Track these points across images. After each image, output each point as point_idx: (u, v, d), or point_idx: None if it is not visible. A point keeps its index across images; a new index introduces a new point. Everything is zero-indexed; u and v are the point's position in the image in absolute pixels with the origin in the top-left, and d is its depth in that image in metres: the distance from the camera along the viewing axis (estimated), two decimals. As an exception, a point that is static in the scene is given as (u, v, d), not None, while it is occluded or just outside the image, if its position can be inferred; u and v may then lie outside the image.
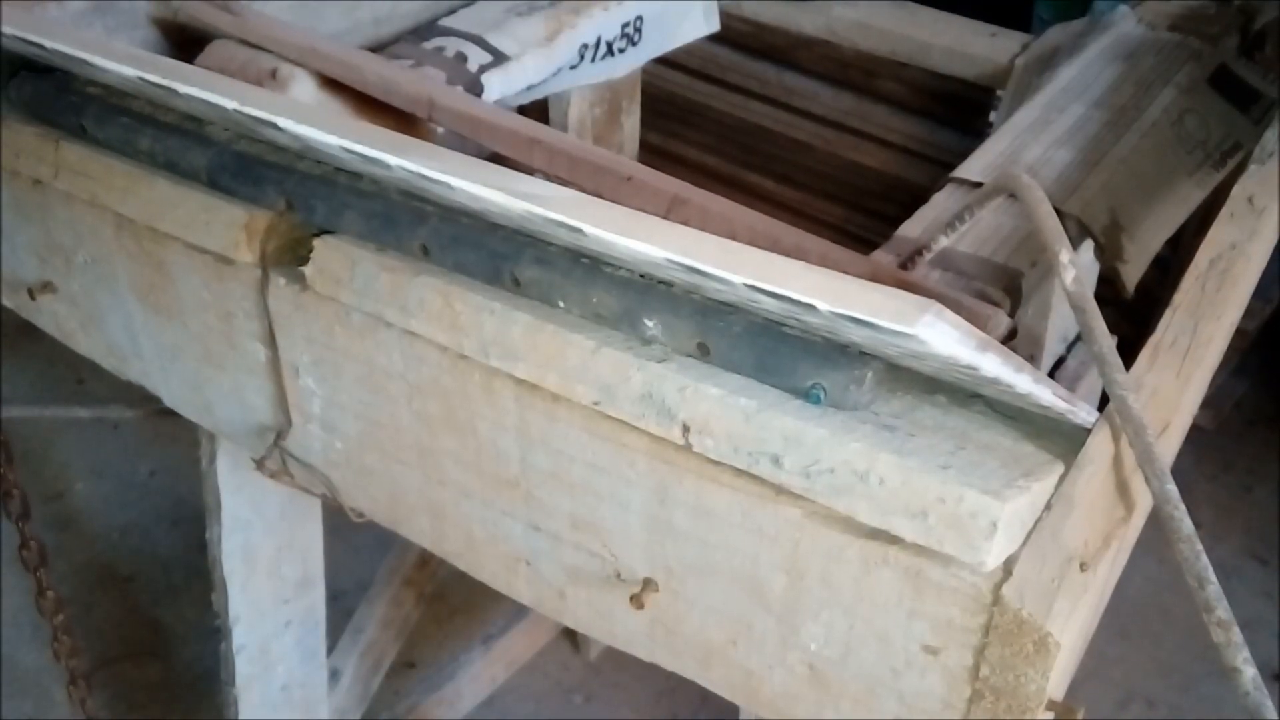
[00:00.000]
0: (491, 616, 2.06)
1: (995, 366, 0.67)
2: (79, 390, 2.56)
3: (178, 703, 2.01)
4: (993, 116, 1.54)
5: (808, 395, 0.74)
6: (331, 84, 1.14)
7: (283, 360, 1.02)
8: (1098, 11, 1.43)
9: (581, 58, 1.34)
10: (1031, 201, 0.82)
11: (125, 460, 2.50)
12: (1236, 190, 1.04)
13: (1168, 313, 0.89)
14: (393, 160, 0.80)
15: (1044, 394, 0.72)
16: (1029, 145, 1.12)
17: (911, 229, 1.02)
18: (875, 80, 1.69)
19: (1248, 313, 1.18)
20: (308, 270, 0.94)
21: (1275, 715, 0.67)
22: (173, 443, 2.42)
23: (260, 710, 1.51)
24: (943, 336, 0.62)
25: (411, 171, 0.80)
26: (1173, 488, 0.70)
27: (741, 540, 0.79)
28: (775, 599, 0.80)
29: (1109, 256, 1.03)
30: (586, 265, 0.82)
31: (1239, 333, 1.71)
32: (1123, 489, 0.74)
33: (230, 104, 0.88)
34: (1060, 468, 0.73)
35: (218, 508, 1.34)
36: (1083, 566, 0.69)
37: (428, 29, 1.32)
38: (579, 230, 0.73)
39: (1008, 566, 0.69)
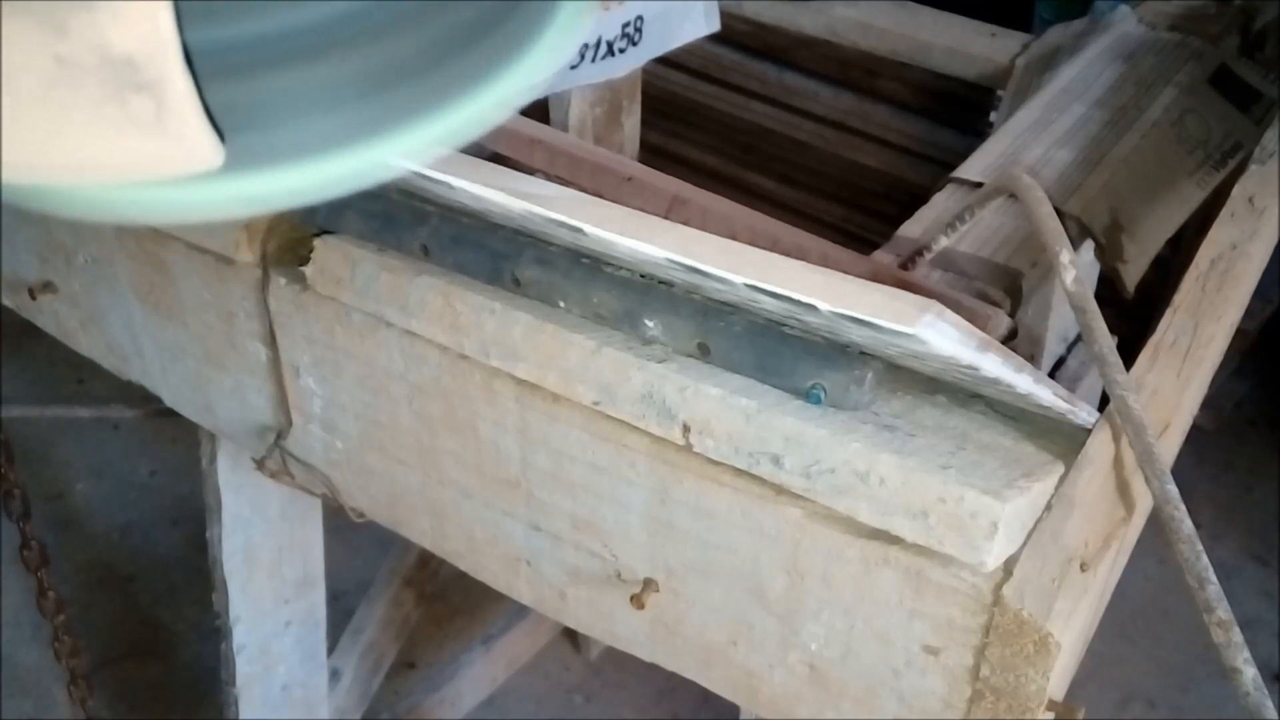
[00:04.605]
0: (492, 616, 2.06)
1: (995, 367, 0.67)
2: (79, 390, 2.56)
3: (178, 702, 2.01)
4: (993, 116, 1.54)
5: (808, 395, 0.74)
6: (332, 84, 1.14)
7: (283, 360, 1.02)
8: (1098, 11, 1.42)
9: (582, 57, 1.34)
10: (1032, 202, 0.82)
11: (125, 460, 2.50)
12: (1237, 190, 1.04)
13: (1168, 313, 0.89)
14: (393, 160, 0.80)
15: (1044, 394, 0.72)
16: (1029, 145, 1.12)
17: (912, 229, 1.02)
18: (876, 80, 1.69)
19: (1248, 313, 1.18)
20: (308, 270, 0.94)
21: (1276, 715, 0.68)
22: (173, 443, 2.42)
23: (260, 710, 1.51)
24: (943, 337, 0.62)
25: (412, 171, 0.80)
26: (1173, 488, 0.70)
27: (742, 540, 0.79)
28: (776, 599, 0.80)
29: (1109, 257, 1.03)
30: (587, 265, 0.82)
31: (1239, 333, 1.71)
32: (1123, 489, 0.74)
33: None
34: (1060, 468, 0.73)
35: (218, 508, 1.34)
36: (1083, 567, 0.70)
37: (428, 29, 1.31)
38: (579, 230, 0.73)
39: (1008, 567, 0.69)
